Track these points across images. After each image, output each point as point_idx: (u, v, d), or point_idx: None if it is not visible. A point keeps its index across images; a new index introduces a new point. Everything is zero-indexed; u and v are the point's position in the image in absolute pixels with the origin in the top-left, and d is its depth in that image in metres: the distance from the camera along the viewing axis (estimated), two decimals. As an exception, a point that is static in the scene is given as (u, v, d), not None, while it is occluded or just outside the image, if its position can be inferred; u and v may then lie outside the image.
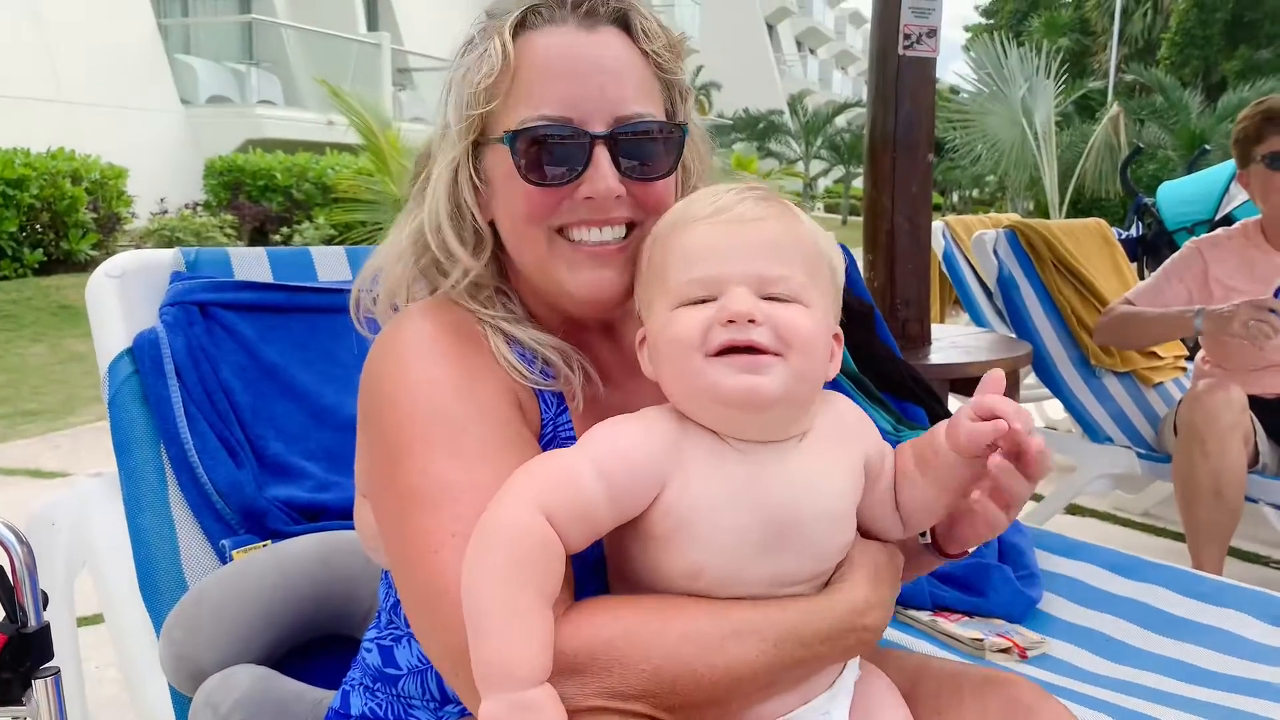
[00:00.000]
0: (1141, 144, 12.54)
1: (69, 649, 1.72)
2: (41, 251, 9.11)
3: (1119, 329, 3.07)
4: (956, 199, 28.95)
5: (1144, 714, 1.56)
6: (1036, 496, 3.87)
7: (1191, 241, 3.11)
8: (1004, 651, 1.77)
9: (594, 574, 0.95)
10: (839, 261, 0.96)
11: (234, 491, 1.50)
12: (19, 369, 6.82)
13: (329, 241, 9.54)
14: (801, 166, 27.31)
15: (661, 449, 0.88)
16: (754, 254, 0.88)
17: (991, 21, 33.51)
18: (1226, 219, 5.23)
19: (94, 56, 12.47)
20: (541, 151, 0.97)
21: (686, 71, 1.08)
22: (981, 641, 1.78)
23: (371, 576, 1.35)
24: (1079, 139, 14.80)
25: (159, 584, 1.46)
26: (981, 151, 13.26)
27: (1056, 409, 4.26)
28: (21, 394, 6.18)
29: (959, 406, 0.94)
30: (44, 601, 1.18)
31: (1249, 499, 2.75)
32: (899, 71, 2.84)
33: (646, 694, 0.83)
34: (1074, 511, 3.80)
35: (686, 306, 0.88)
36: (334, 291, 1.72)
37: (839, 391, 1.04)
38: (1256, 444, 2.78)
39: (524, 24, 0.99)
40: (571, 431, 1.01)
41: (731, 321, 0.85)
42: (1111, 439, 3.31)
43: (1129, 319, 3.02)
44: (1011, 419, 0.87)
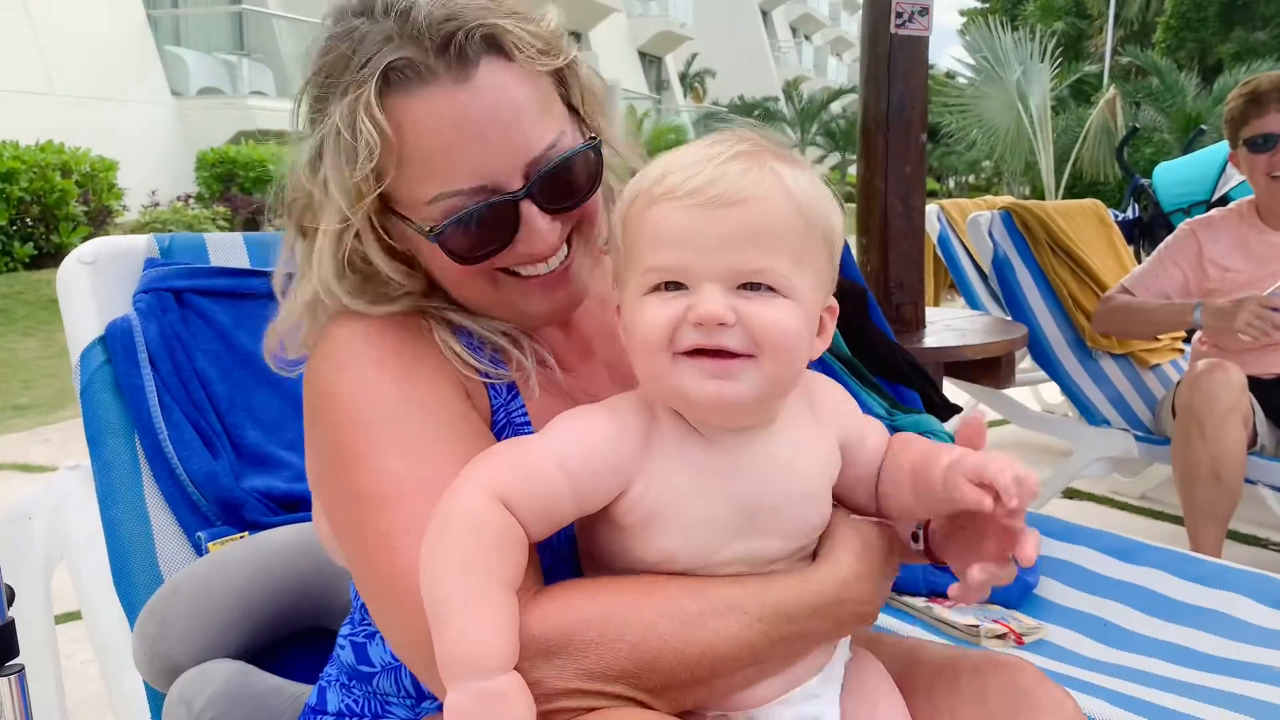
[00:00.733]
0: (1137, 125, 12.50)
1: (44, 645, 1.69)
2: (32, 245, 9.09)
3: (1118, 320, 3.08)
4: (952, 185, 28.88)
5: (1143, 699, 1.53)
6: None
7: (1186, 223, 3.09)
8: (1000, 638, 1.75)
9: (564, 560, 0.92)
10: (836, 224, 0.88)
11: (210, 482, 1.47)
12: (9, 363, 6.78)
13: (322, 232, 9.46)
14: (797, 153, 27.19)
15: (629, 446, 0.84)
16: (730, 243, 0.80)
17: (986, 5, 33.38)
18: (1223, 199, 5.20)
19: (83, 48, 12.42)
20: (464, 230, 0.90)
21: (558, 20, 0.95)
22: (977, 628, 1.75)
23: (350, 568, 1.32)
24: (1075, 123, 14.77)
25: (134, 577, 1.43)
26: (977, 136, 13.23)
27: (1053, 392, 4.24)
28: (12, 388, 6.14)
29: (964, 438, 0.89)
30: (9, 598, 1.15)
31: (1248, 481, 2.73)
32: (891, 50, 2.80)
33: (627, 674, 0.81)
34: (1071, 495, 3.78)
35: (656, 293, 0.82)
36: (313, 277, 1.68)
37: (830, 374, 1.00)
38: (1255, 425, 2.75)
39: (387, 82, 0.87)
40: (526, 417, 0.97)
41: (701, 324, 0.79)
42: (1108, 421, 3.29)
43: (1127, 311, 3.02)
44: (1004, 497, 0.80)
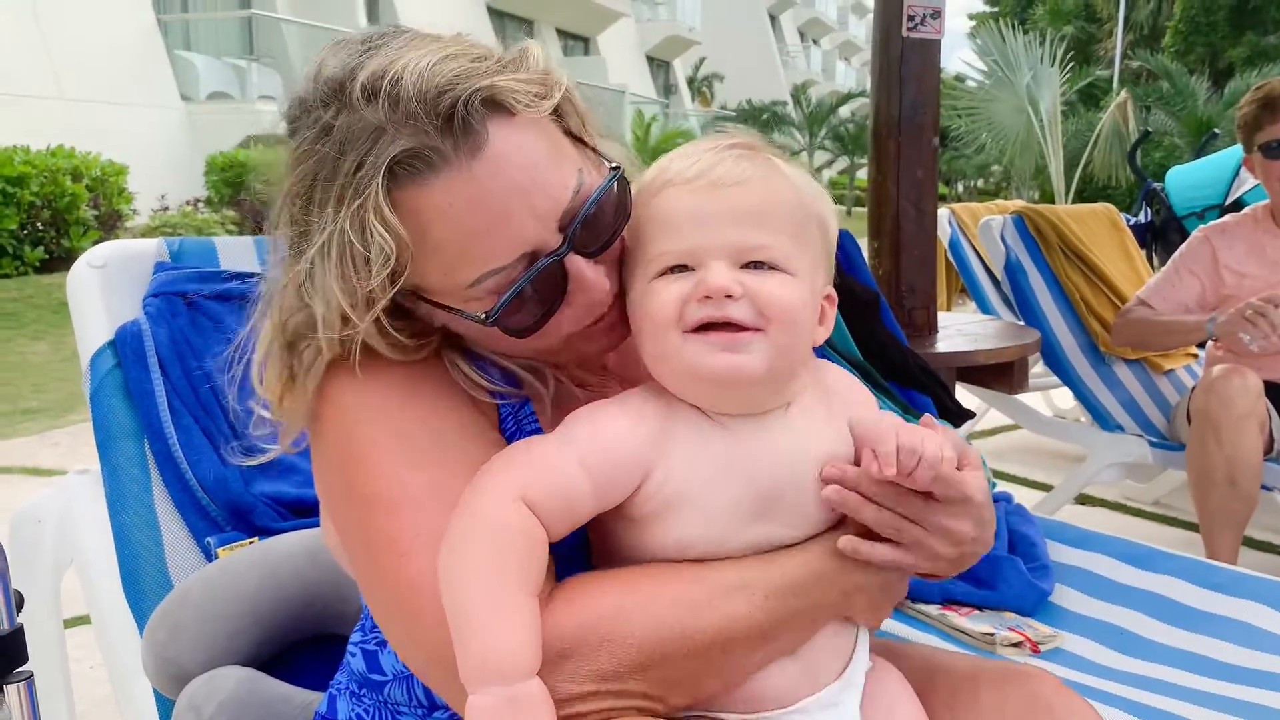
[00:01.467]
0: (1150, 129, 12.45)
1: (53, 649, 1.69)
2: (43, 249, 9.13)
3: (1135, 334, 3.08)
4: (961, 189, 28.84)
5: (1161, 709, 1.51)
6: (1046, 486, 3.82)
7: (1200, 230, 3.07)
8: (1016, 646, 1.72)
9: (572, 558, 0.91)
10: (830, 218, 0.91)
11: (220, 487, 1.46)
12: (20, 367, 6.80)
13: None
14: (805, 158, 27.29)
15: (647, 438, 0.84)
16: (733, 221, 0.83)
17: (995, 9, 33.32)
18: (1237, 203, 5.17)
19: (93, 53, 12.47)
20: (519, 305, 0.85)
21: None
22: (993, 636, 1.73)
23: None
24: (1085, 127, 14.72)
25: (143, 583, 1.42)
26: (986, 140, 13.19)
27: (1066, 397, 4.22)
28: (23, 392, 6.16)
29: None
30: (19, 604, 1.14)
31: (1264, 487, 2.70)
32: (903, 54, 2.79)
33: (639, 668, 0.80)
34: (1084, 501, 3.75)
35: (663, 277, 0.84)
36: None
37: None
38: (1271, 431, 2.72)
39: (394, 177, 0.80)
40: (536, 424, 0.95)
41: (708, 297, 0.81)
42: (1122, 427, 3.26)
43: (1145, 326, 3.02)
44: (880, 463, 0.84)
